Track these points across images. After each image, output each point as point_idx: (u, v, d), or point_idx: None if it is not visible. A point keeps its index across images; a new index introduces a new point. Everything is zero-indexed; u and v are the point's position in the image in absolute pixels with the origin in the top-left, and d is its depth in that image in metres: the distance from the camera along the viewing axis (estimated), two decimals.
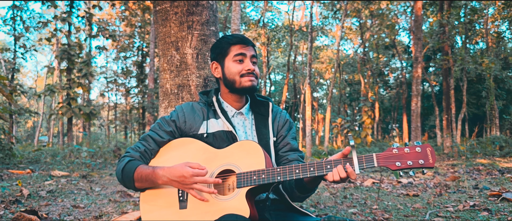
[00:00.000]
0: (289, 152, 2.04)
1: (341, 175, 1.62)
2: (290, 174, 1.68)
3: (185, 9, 2.57)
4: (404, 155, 1.60)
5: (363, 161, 1.63)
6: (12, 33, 22.97)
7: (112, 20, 28.22)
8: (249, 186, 1.70)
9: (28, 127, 50.01)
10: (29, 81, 50.44)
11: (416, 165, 1.58)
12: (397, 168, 1.60)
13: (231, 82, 1.97)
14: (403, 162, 1.59)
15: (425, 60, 24.47)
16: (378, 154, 1.62)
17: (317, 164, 1.67)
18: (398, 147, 1.62)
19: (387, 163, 1.60)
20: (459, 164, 10.06)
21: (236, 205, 1.69)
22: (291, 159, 2.01)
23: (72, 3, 18.89)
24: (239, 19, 8.42)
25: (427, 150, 1.59)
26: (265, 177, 1.69)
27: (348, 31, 31.09)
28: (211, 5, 2.68)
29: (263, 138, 2.01)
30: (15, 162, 10.06)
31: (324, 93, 43.85)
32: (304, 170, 1.67)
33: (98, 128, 33.99)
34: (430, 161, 1.57)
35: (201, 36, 2.61)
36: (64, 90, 18.31)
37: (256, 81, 1.98)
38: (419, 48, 11.81)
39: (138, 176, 1.80)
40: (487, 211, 3.70)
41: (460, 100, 23.18)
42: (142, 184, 1.83)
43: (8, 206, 4.00)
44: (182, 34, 2.58)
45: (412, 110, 11.58)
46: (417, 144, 1.61)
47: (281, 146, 2.05)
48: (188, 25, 2.58)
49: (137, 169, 1.81)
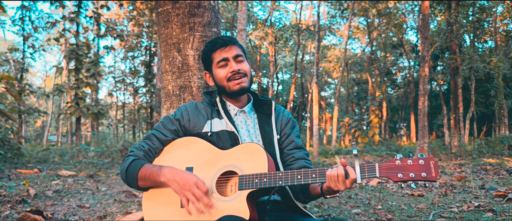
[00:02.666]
0: (294, 149, 2.05)
1: (339, 172, 1.63)
2: (291, 179, 1.69)
3: (187, 11, 2.58)
4: (407, 167, 1.59)
5: (365, 170, 1.64)
6: (21, 34, 23.22)
7: (120, 20, 28.36)
8: (250, 189, 1.72)
9: (37, 126, 50.44)
10: (38, 81, 50.90)
11: (418, 177, 1.57)
12: (399, 180, 1.59)
13: (222, 88, 2.01)
14: (405, 174, 1.58)
15: (433, 59, 24.31)
16: (380, 164, 1.62)
17: (319, 171, 1.69)
18: (401, 158, 1.62)
19: (389, 174, 1.60)
20: (467, 163, 9.99)
21: (236, 207, 1.71)
22: (297, 157, 2.02)
23: (80, 3, 19.02)
24: (246, 19, 8.44)
25: (431, 163, 1.58)
26: (266, 181, 1.71)
27: (356, 30, 30.95)
28: (213, 7, 2.69)
29: (266, 136, 2.03)
30: (23, 161, 10.16)
31: (332, 93, 43.73)
32: (306, 176, 1.69)
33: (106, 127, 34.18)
34: (433, 174, 1.56)
35: (203, 37, 2.63)
36: (73, 90, 18.45)
37: (245, 82, 1.99)
38: (426, 47, 11.71)
39: (142, 175, 1.82)
40: (491, 212, 3.67)
41: (468, 99, 22.98)
42: (145, 183, 1.85)
43: (14, 206, 4.05)
44: (184, 36, 2.59)
45: (419, 109, 11.48)
46: (421, 157, 1.60)
47: (285, 144, 2.06)
48: (190, 26, 2.59)
49: (142, 168, 1.83)
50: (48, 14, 24.55)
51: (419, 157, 1.60)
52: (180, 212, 1.79)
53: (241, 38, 8.20)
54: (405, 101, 33.05)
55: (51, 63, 55.91)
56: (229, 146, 1.91)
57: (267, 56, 33.64)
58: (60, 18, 20.39)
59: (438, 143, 15.87)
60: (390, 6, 23.63)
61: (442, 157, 12.42)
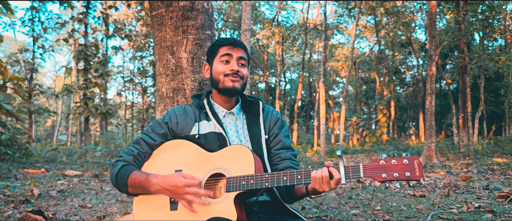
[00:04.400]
0: (282, 149, 2.07)
1: (324, 173, 1.64)
2: (277, 181, 1.71)
3: (180, 14, 2.61)
4: (391, 167, 1.60)
5: (349, 171, 1.65)
6: (30, 34, 23.47)
7: (129, 20, 28.52)
8: (237, 191, 1.74)
9: (47, 126, 50.97)
10: (49, 81, 51.41)
11: (402, 177, 1.57)
12: (383, 180, 1.60)
13: (216, 82, 2.03)
14: (389, 174, 1.59)
15: (442, 57, 24.11)
16: (365, 165, 1.63)
17: (305, 172, 1.70)
18: (385, 158, 1.62)
19: (373, 174, 1.61)
20: (474, 163, 9.90)
21: (224, 208, 1.73)
22: (284, 157, 2.04)
23: (88, 4, 19.18)
24: (250, 19, 8.43)
25: (415, 163, 1.58)
26: (253, 183, 1.73)
27: (364, 29, 30.80)
28: (207, 10, 2.71)
29: (254, 136, 2.05)
30: (31, 161, 10.27)
31: (340, 92, 43.60)
32: (292, 177, 1.70)
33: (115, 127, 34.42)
34: (416, 173, 1.56)
35: (196, 40, 2.65)
36: (81, 90, 18.62)
37: (239, 83, 2.02)
38: (434, 46, 11.63)
39: (131, 182, 1.85)
40: (491, 213, 3.64)
41: (478, 98, 22.77)
42: (136, 190, 1.88)
43: (17, 206, 4.11)
44: (177, 39, 2.62)
45: (427, 108, 11.41)
46: (406, 156, 1.60)
47: (273, 144, 2.08)
48: (183, 29, 2.62)
49: (131, 175, 1.85)
50: (58, 14, 24.76)
51: (404, 156, 1.61)
52: (169, 214, 1.82)
53: (245, 38, 8.19)
54: (414, 100, 32.83)
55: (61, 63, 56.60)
56: (217, 148, 1.93)
57: (275, 55, 33.60)
58: (69, 19, 20.60)
59: (447, 142, 15.73)
60: (398, 4, 23.47)
61: (450, 156, 12.33)
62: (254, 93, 39.54)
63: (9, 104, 8.44)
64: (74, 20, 19.58)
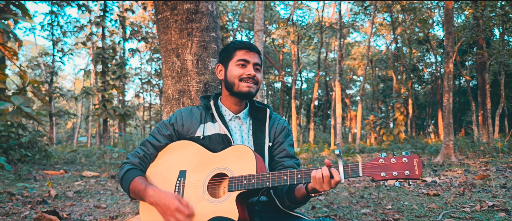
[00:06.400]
0: (285, 158, 2.08)
1: (324, 173, 1.65)
2: (278, 180, 1.73)
3: (185, 17, 2.65)
4: (390, 165, 1.59)
5: (348, 170, 1.65)
6: (50, 38, 23.93)
7: (145, 23, 28.83)
8: (239, 190, 1.77)
9: (68, 128, 51.88)
10: (68, 84, 52.34)
11: (401, 176, 1.56)
12: (382, 178, 1.59)
13: (231, 85, 2.04)
14: (388, 173, 1.58)
15: (460, 54, 23.70)
16: (364, 164, 1.63)
17: (305, 171, 1.72)
18: (385, 157, 1.62)
19: (372, 173, 1.60)
20: (494, 161, 9.71)
21: (226, 208, 1.76)
22: (287, 166, 2.05)
23: (105, 8, 19.47)
24: (263, 20, 8.43)
25: (414, 161, 1.57)
26: (255, 182, 1.75)
27: (380, 27, 30.49)
28: (211, 12, 2.74)
29: (258, 142, 2.07)
30: (51, 163, 10.50)
31: (357, 90, 43.27)
32: (292, 177, 1.72)
33: (134, 128, 34.85)
34: (416, 172, 1.55)
35: (201, 42, 2.68)
36: (100, 92, 18.91)
37: (254, 88, 2.04)
38: (451, 43, 11.45)
39: (132, 189, 1.92)
40: (505, 212, 3.58)
41: (498, 95, 22.33)
42: (136, 197, 1.95)
43: (34, 206, 4.21)
44: (182, 41, 2.66)
45: (444, 106, 11.24)
46: (405, 154, 1.59)
47: (277, 152, 2.09)
48: (188, 32, 2.65)
49: (133, 181, 1.92)
50: (76, 18, 25.21)
51: (404, 154, 1.60)
52: None
53: (258, 39, 8.20)
54: (432, 98, 32.35)
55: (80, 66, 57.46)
56: (221, 149, 1.95)
57: (290, 55, 33.54)
58: (87, 23, 20.94)
59: (466, 140, 15.45)
60: (414, 2, 23.16)
61: (469, 154, 12.12)
62: (270, 93, 39.51)
63: (29, 108, 8.63)
64: (92, 24, 19.88)
